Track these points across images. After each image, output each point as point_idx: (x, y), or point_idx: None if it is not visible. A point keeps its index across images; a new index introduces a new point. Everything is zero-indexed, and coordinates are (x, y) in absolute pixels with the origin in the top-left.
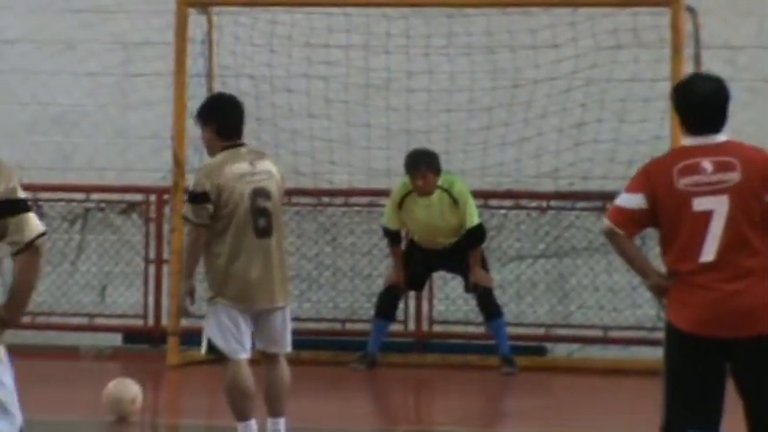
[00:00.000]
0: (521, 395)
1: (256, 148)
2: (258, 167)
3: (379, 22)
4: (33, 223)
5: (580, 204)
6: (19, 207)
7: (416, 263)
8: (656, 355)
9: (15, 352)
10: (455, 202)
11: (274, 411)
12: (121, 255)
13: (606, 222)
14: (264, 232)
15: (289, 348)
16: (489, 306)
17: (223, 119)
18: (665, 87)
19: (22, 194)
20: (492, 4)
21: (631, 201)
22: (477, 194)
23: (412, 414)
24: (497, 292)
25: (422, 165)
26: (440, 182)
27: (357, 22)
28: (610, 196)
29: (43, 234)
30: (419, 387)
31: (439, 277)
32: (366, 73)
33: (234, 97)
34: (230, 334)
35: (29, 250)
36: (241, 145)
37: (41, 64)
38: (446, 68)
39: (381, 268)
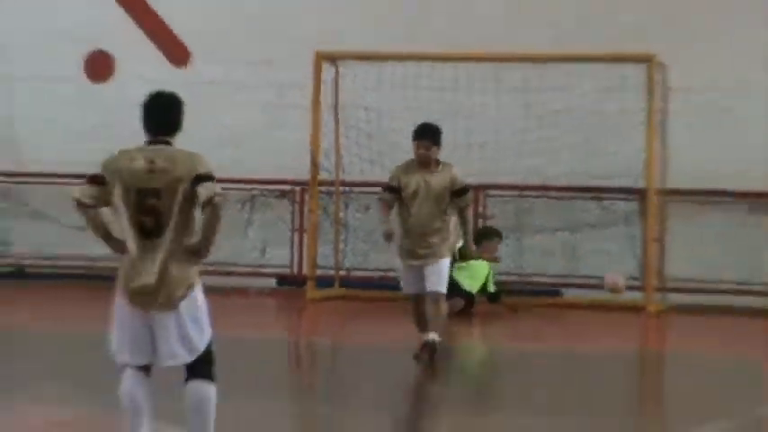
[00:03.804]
0: (542, 325)
1: None
2: None
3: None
4: (214, 187)
5: (586, 195)
6: (206, 178)
7: None
8: (631, 297)
9: (207, 291)
10: None
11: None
12: (277, 226)
13: None
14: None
15: (436, 288)
16: None
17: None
18: (643, 116)
19: (210, 173)
20: (527, 59)
21: None
22: (512, 187)
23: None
24: (530, 255)
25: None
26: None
27: (437, 69)
28: (604, 189)
29: (220, 194)
30: None
31: None
32: (442, 107)
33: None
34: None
35: (210, 204)
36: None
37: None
38: (493, 104)
39: None
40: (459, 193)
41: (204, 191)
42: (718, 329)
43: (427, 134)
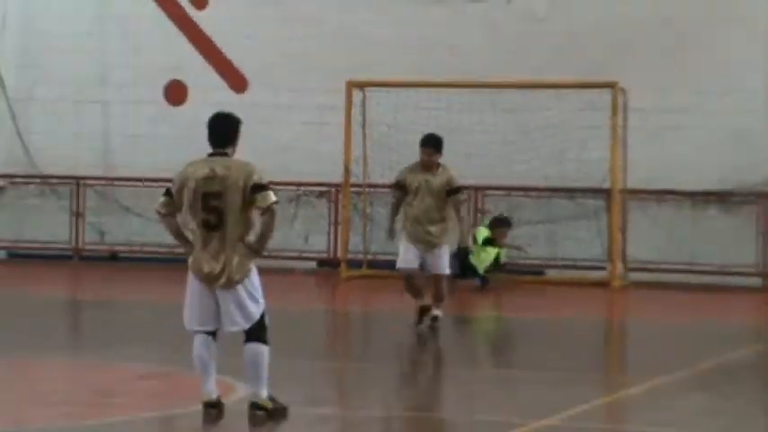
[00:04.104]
0: (528, 298)
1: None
2: None
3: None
4: (271, 196)
5: (562, 194)
6: (263, 188)
7: None
8: (599, 275)
9: (261, 271)
10: None
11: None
12: (316, 220)
13: None
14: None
15: (440, 271)
16: None
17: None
18: (608, 131)
19: (264, 181)
20: (514, 86)
21: None
22: (504, 188)
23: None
24: (518, 242)
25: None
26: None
27: (443, 94)
28: (577, 189)
29: (276, 202)
30: None
31: None
32: (447, 124)
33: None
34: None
35: (269, 212)
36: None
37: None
38: (491, 120)
39: None
40: (453, 191)
41: (263, 200)
42: (669, 301)
43: (431, 143)
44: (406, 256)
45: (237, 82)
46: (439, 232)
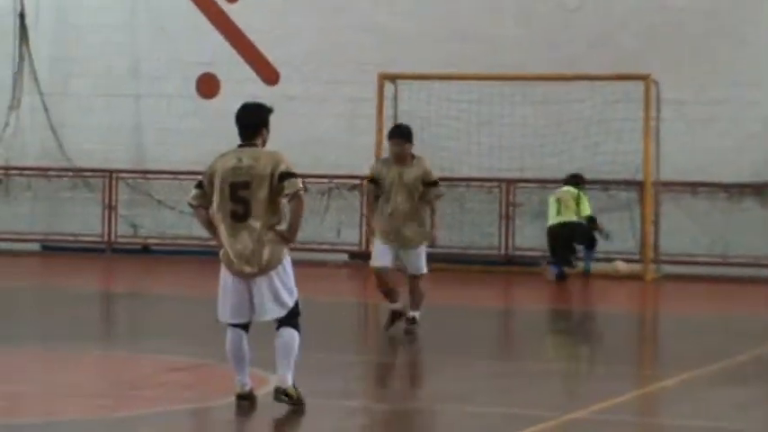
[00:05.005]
0: (559, 289)
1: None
2: None
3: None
4: (298, 183)
5: (595, 186)
6: (291, 175)
7: None
8: (634, 267)
9: (294, 263)
10: None
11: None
12: (348, 213)
13: None
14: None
15: (418, 272)
16: None
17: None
18: (641, 123)
19: (291, 170)
20: (547, 78)
21: None
22: (535, 180)
23: None
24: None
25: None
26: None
27: (474, 86)
28: (609, 182)
29: (304, 189)
30: None
31: None
32: (478, 116)
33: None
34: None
35: (296, 198)
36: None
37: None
38: (522, 112)
39: None
40: (430, 184)
41: (290, 186)
42: (702, 293)
43: (397, 134)
44: (379, 254)
45: (269, 74)
46: (414, 230)
